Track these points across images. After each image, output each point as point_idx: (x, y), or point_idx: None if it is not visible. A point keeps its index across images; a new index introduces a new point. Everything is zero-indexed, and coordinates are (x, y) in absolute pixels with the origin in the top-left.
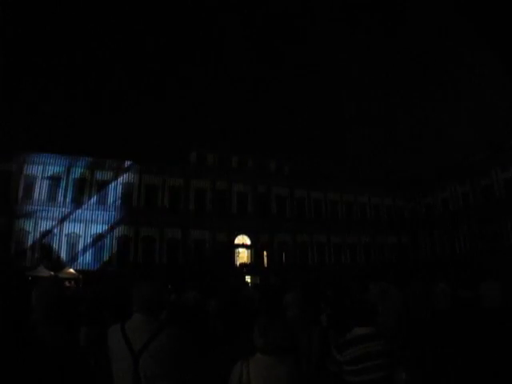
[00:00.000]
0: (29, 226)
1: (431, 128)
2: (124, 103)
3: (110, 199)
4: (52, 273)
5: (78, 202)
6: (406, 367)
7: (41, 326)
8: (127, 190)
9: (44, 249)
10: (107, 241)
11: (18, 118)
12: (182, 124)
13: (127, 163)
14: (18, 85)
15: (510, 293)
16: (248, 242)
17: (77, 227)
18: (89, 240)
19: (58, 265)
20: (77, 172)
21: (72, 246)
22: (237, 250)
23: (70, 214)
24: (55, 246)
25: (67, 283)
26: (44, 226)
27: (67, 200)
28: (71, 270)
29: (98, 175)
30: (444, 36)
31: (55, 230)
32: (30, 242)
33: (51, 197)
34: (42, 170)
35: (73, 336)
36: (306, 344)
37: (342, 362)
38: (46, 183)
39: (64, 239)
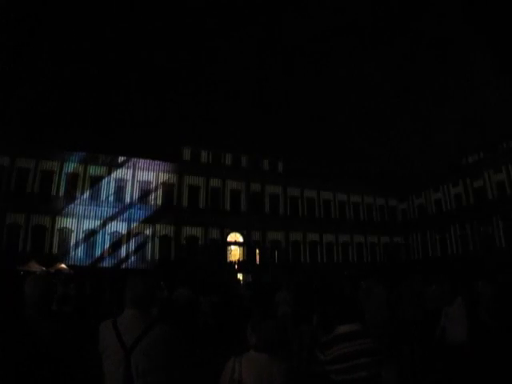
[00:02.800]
0: (21, 220)
1: (425, 129)
2: (118, 99)
3: (103, 195)
4: (44, 268)
5: (70, 197)
6: (392, 366)
7: (33, 319)
8: (121, 185)
9: (36, 244)
10: (99, 237)
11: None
12: (176, 120)
13: (121, 159)
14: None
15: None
16: (241, 239)
17: (69, 222)
18: (81, 235)
19: (49, 260)
20: (70, 167)
21: (64, 241)
22: (229, 248)
23: (63, 208)
24: (47, 240)
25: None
26: (37, 220)
27: (60, 194)
28: (63, 266)
29: (92, 170)
30: (439, 39)
31: (48, 225)
32: (22, 236)
33: (44, 191)
34: (35, 163)
35: (67, 330)
36: (297, 343)
37: (324, 361)
38: (39, 177)
39: (56, 234)
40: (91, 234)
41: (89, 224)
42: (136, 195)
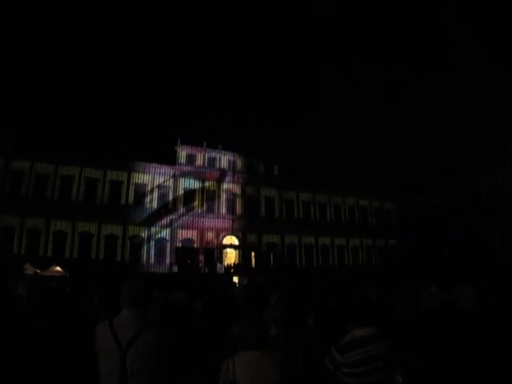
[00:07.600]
0: (16, 223)
1: (420, 133)
2: (114, 98)
3: (99, 197)
4: (38, 270)
5: (65, 199)
6: (402, 370)
7: (26, 320)
8: (116, 188)
9: (31, 246)
10: (94, 239)
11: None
12: (171, 122)
13: (117, 161)
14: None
15: (493, 296)
16: (236, 242)
17: (64, 225)
18: (76, 238)
19: (44, 263)
20: (65, 169)
21: (60, 243)
22: (225, 251)
23: (58, 211)
24: (42, 243)
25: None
26: (31, 223)
27: (55, 197)
28: (58, 268)
29: (87, 172)
30: (437, 48)
31: (43, 228)
32: (17, 239)
33: (39, 193)
34: (29, 165)
35: (62, 329)
36: (293, 345)
37: (341, 363)
38: (33, 179)
39: (51, 236)
40: (86, 237)
41: (84, 226)
42: (131, 197)
